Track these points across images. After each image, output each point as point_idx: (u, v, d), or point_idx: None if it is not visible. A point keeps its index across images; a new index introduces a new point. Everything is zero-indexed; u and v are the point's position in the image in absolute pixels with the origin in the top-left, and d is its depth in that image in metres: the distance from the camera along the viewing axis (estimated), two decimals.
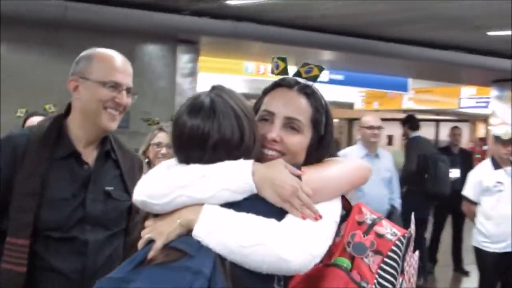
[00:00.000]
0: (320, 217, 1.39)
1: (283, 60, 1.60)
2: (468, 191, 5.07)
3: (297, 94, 1.55)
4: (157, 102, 7.44)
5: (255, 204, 1.37)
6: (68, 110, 2.13)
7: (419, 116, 8.48)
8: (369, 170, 1.61)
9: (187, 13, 7.17)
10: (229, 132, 1.41)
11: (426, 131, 12.81)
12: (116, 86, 2.06)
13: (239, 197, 1.36)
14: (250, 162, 1.39)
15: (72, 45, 2.15)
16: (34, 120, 3.29)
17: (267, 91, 1.61)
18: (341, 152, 5.45)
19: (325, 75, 11.98)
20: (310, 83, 1.58)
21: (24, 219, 1.91)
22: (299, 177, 1.41)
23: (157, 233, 1.37)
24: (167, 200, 1.38)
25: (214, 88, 1.49)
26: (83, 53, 2.13)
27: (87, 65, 2.07)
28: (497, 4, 6.40)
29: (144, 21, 6.92)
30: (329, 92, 13.79)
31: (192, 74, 8.10)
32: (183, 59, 7.96)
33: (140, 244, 1.40)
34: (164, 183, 1.41)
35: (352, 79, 12.84)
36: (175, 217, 1.37)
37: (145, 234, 1.40)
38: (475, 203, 5.00)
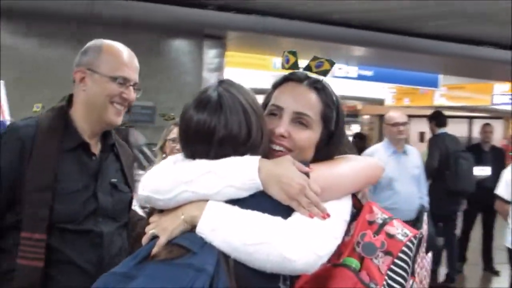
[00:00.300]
0: (328, 215, 1.35)
1: (294, 54, 1.55)
2: (501, 190, 4.96)
3: (307, 88, 1.51)
4: (183, 97, 7.41)
5: (261, 201, 1.34)
6: (69, 101, 2.11)
7: (453, 113, 8.31)
8: (381, 169, 1.57)
9: (213, 8, 7.15)
10: (236, 128, 1.38)
11: (459, 128, 12.57)
12: (124, 81, 2.04)
13: (244, 194, 1.33)
14: (256, 159, 1.36)
15: None
16: None
17: (276, 85, 1.57)
18: (368, 150, 5.38)
19: (354, 71, 11.83)
20: (320, 77, 1.53)
21: (39, 213, 1.89)
22: (307, 174, 1.37)
23: (161, 229, 1.35)
24: (171, 196, 1.36)
25: (222, 82, 1.46)
26: (91, 44, 2.11)
27: (96, 57, 2.05)
28: None
29: (170, 16, 6.91)
30: (359, 88, 13.69)
31: (219, 69, 8.05)
32: (210, 54, 7.91)
33: (145, 240, 1.39)
34: (169, 178, 1.39)
35: (381, 75, 12.64)
36: (179, 213, 1.35)
37: (149, 230, 1.39)
38: (508, 202, 4.88)
